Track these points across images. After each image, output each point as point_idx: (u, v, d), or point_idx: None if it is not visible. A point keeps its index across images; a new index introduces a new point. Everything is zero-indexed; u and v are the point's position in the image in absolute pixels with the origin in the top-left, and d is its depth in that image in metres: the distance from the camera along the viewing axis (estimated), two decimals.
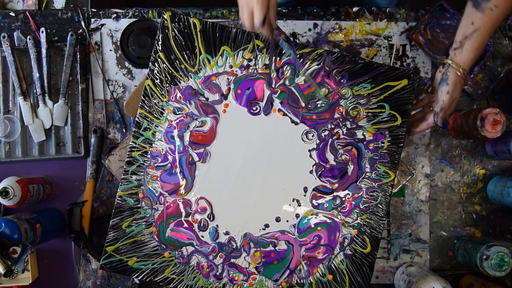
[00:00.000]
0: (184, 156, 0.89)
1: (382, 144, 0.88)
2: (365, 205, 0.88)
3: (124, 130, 1.05)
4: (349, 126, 0.88)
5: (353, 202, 0.88)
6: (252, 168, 0.89)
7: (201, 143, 0.89)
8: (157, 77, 0.89)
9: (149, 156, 0.89)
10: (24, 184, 0.96)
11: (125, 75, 1.07)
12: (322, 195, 0.88)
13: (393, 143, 0.88)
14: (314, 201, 0.88)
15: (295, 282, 0.88)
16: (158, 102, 0.89)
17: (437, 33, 1.03)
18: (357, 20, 1.06)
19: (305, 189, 0.88)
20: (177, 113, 0.89)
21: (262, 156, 0.89)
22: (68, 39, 1.03)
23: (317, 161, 0.88)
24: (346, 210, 0.88)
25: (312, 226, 0.88)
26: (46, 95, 1.04)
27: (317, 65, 0.88)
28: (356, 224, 0.88)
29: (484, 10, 0.80)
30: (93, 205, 1.04)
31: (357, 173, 0.88)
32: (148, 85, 0.89)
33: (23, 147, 1.04)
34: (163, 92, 0.89)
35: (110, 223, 0.88)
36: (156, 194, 0.88)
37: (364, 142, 0.88)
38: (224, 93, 0.89)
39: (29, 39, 1.02)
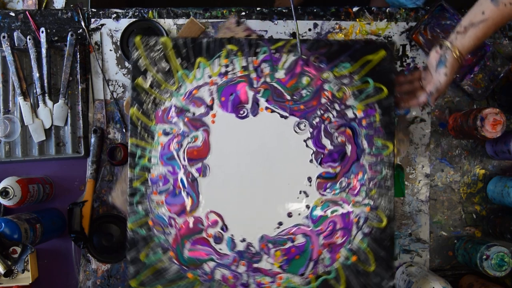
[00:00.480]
0: (184, 174, 0.88)
1: (374, 118, 0.88)
2: (372, 181, 0.87)
3: (124, 130, 1.05)
4: (338, 108, 0.88)
5: (359, 181, 0.88)
6: (253, 171, 0.89)
7: (198, 158, 0.88)
8: (141, 102, 0.88)
9: (149, 183, 0.88)
10: (24, 184, 0.96)
11: (125, 75, 1.07)
12: (327, 181, 0.88)
13: (384, 114, 0.88)
14: (320, 189, 0.88)
15: (321, 271, 0.87)
16: (147, 128, 0.88)
17: (437, 33, 1.03)
18: (357, 20, 1.06)
19: (309, 179, 0.88)
20: (168, 134, 0.88)
21: (260, 157, 0.89)
22: (68, 39, 1.03)
23: (314, 149, 0.88)
24: (354, 190, 0.87)
25: (325, 213, 0.87)
26: (46, 95, 1.04)
27: (294, 56, 0.88)
28: (367, 202, 0.87)
29: (499, 4, 0.80)
30: (93, 205, 1.04)
31: (356, 151, 0.88)
32: (133, 113, 0.88)
33: (23, 147, 1.04)
34: (150, 117, 0.88)
35: (127, 257, 0.87)
36: (166, 219, 0.87)
37: (356, 120, 0.88)
38: (209, 104, 0.88)
39: (29, 39, 1.02)
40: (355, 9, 1.06)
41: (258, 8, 1.07)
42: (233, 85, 0.88)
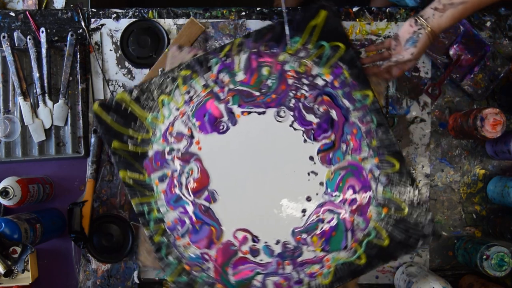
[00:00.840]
0: (196, 209, 0.88)
1: (344, 75, 0.88)
2: (368, 133, 0.88)
3: None
4: (307, 82, 0.89)
5: (357, 138, 0.88)
6: (258, 175, 0.89)
7: (201, 188, 0.88)
8: (126, 163, 0.88)
9: (168, 231, 0.88)
10: (24, 184, 0.96)
11: (125, 75, 1.07)
12: (328, 152, 0.88)
13: (351, 67, 0.88)
14: (325, 162, 0.88)
15: (361, 236, 0.87)
16: (142, 183, 0.88)
17: None
18: (357, 20, 1.06)
19: (312, 158, 0.89)
20: (164, 179, 0.88)
21: (258, 160, 0.89)
22: (68, 39, 1.03)
23: (303, 129, 0.89)
24: (356, 148, 0.88)
25: (339, 182, 0.88)
26: (46, 95, 1.04)
27: (244, 53, 0.88)
28: (372, 153, 0.88)
29: None
30: (93, 205, 1.04)
31: (341, 113, 0.89)
32: (124, 176, 0.88)
33: (23, 147, 1.04)
34: (140, 172, 0.88)
35: None
36: (199, 256, 0.88)
37: (329, 85, 0.89)
38: (188, 134, 0.89)
39: (29, 39, 1.02)
40: (355, 9, 1.06)
41: (258, 8, 1.07)
42: (202, 107, 0.89)
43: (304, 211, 0.88)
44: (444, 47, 1.03)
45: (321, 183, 0.88)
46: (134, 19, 1.06)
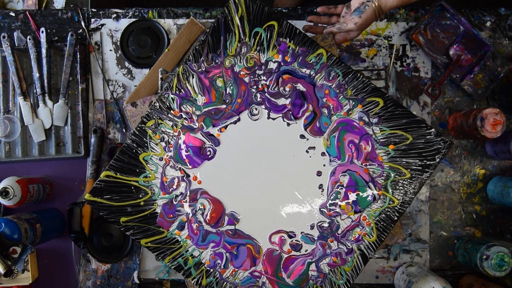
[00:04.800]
0: (225, 236, 0.89)
1: (291, 47, 0.89)
2: (340, 86, 0.89)
3: (124, 130, 1.05)
4: (261, 72, 0.90)
5: (332, 97, 0.89)
6: (264, 178, 0.90)
7: (220, 216, 0.89)
8: (141, 231, 0.88)
9: (211, 269, 0.88)
10: (24, 184, 0.96)
11: (125, 75, 1.07)
12: (313, 123, 0.89)
13: (292, 37, 0.89)
14: (316, 134, 0.89)
15: (382, 181, 0.88)
16: (165, 240, 0.89)
17: (437, 33, 1.03)
18: None
19: (302, 136, 0.90)
20: (183, 226, 0.89)
21: (256, 164, 0.90)
22: (68, 39, 1.03)
23: (280, 115, 0.90)
24: (336, 107, 0.89)
25: (338, 143, 0.89)
26: (46, 95, 1.04)
27: (193, 78, 0.89)
28: (352, 102, 0.89)
29: None
30: None
31: (306, 83, 0.90)
32: (146, 244, 0.88)
33: (23, 147, 1.04)
34: (159, 231, 0.88)
35: None
36: (250, 276, 0.89)
37: (282, 63, 0.89)
38: (182, 175, 0.89)
39: (29, 39, 1.02)
40: None
41: None
42: (181, 144, 0.89)
43: (321, 186, 0.89)
44: (444, 47, 1.03)
45: (323, 153, 0.89)
46: (134, 19, 1.06)
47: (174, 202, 0.89)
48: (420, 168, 0.88)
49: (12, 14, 1.07)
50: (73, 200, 1.05)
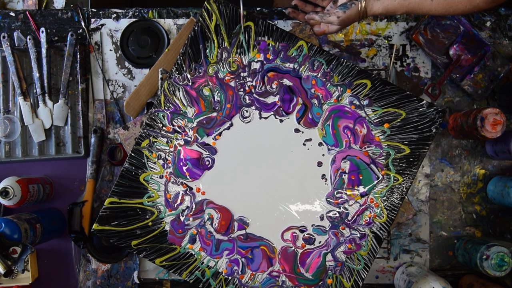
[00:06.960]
0: (238, 242, 0.89)
1: (271, 45, 0.90)
2: (325, 75, 0.89)
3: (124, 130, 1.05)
4: (246, 74, 0.90)
5: (320, 86, 0.89)
6: (266, 178, 0.90)
7: (229, 223, 0.89)
8: (154, 251, 0.89)
9: (229, 277, 0.88)
10: (24, 184, 0.96)
11: (125, 75, 1.07)
12: (305, 115, 0.90)
13: (270, 34, 0.90)
14: (310, 125, 0.89)
15: (383, 162, 0.88)
16: (179, 256, 0.89)
17: (437, 33, 1.03)
18: None
19: (297, 130, 0.90)
20: (194, 239, 0.89)
21: (256, 165, 0.90)
22: (68, 39, 1.03)
23: (272, 113, 0.90)
24: (326, 96, 0.89)
25: (333, 131, 0.89)
26: (46, 95, 1.04)
27: (179, 91, 0.89)
28: (340, 88, 0.89)
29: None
30: (93, 205, 1.04)
31: (292, 77, 0.90)
32: (161, 263, 0.89)
33: (23, 147, 1.04)
34: (172, 248, 0.89)
35: None
36: (269, 278, 0.89)
37: (265, 62, 0.90)
38: (185, 189, 0.89)
39: (29, 39, 1.02)
40: None
41: (258, 8, 1.07)
42: (179, 159, 0.90)
43: (323, 176, 0.89)
44: (444, 47, 1.03)
45: (320, 144, 0.89)
46: (134, 19, 1.06)
47: (182, 217, 0.89)
48: (418, 141, 0.88)
49: (12, 14, 1.07)
50: (73, 200, 1.05)
